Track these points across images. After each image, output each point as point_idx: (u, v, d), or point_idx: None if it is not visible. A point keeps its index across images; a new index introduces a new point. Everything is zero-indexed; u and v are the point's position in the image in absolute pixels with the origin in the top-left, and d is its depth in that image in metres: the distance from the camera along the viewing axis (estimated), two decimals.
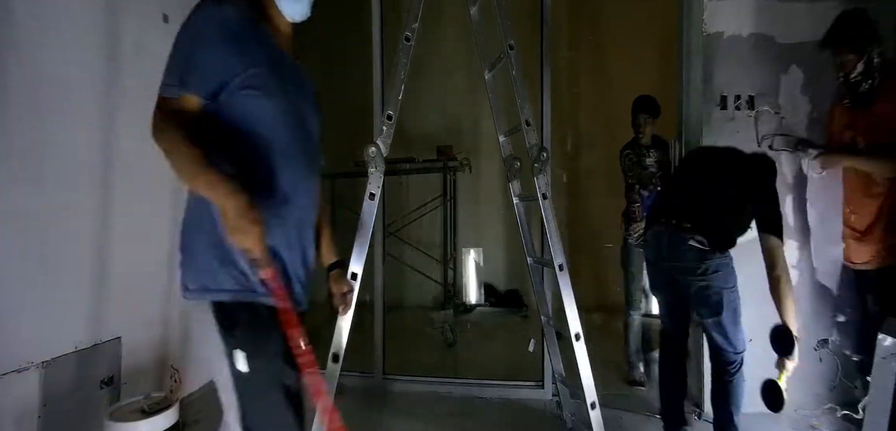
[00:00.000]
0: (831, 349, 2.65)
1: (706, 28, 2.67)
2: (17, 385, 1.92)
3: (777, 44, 2.66)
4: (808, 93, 2.65)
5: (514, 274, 5.42)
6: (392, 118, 2.14)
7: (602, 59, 5.15)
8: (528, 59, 2.63)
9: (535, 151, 2.29)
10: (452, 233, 5.28)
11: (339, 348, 2.05)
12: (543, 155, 2.26)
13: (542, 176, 2.26)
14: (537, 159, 2.26)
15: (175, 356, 2.78)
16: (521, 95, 2.30)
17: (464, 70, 5.16)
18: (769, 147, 2.65)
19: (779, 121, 2.66)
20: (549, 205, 2.29)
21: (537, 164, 2.25)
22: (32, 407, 1.97)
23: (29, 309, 1.97)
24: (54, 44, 2.10)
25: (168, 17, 2.73)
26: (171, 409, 2.10)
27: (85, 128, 2.23)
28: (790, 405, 2.66)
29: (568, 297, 2.24)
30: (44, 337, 2.03)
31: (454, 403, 2.87)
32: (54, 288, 2.09)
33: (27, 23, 1.98)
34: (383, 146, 2.12)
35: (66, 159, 2.14)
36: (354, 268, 2.09)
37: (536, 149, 2.29)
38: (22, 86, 1.97)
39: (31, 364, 1.97)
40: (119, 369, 2.39)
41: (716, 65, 2.67)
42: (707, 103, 2.67)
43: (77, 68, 2.19)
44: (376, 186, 2.15)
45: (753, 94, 2.67)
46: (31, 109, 2.00)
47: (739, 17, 2.66)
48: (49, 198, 2.07)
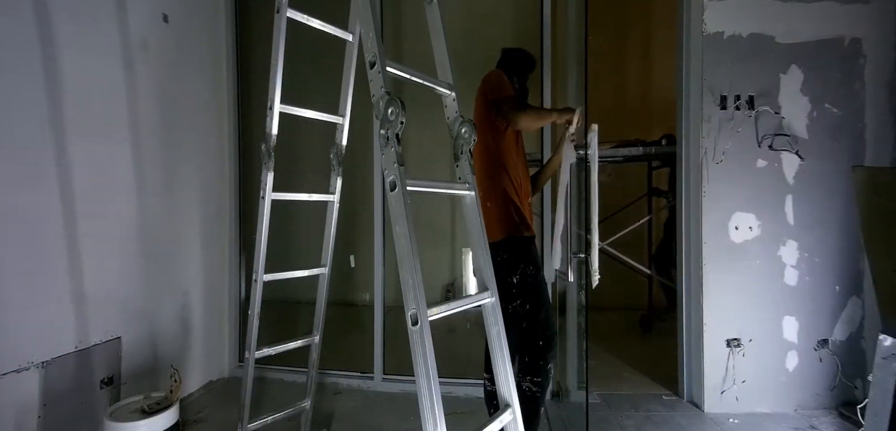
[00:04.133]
0: (831, 349, 2.66)
1: (706, 28, 2.68)
2: (17, 385, 1.92)
3: (777, 44, 2.66)
4: (808, 94, 2.66)
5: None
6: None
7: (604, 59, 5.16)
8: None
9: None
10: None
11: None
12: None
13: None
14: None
15: (175, 356, 2.78)
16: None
17: None
18: (769, 147, 2.65)
19: (779, 121, 2.66)
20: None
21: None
22: (32, 407, 1.97)
23: (29, 309, 1.97)
24: (63, 44, 2.11)
25: (168, 16, 2.74)
26: (171, 409, 2.10)
27: (86, 127, 2.23)
28: (790, 404, 2.67)
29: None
30: (44, 337, 2.03)
31: (454, 403, 2.87)
32: (54, 287, 2.09)
33: (42, 22, 1.99)
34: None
35: (67, 160, 2.14)
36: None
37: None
38: (22, 87, 1.97)
39: (31, 364, 1.97)
40: (119, 369, 2.39)
41: (716, 65, 2.67)
42: (707, 103, 2.68)
43: (79, 69, 2.19)
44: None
45: (753, 94, 2.67)
46: (32, 109, 2.00)
47: (739, 17, 2.67)
48: (50, 199, 2.08)
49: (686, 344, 2.81)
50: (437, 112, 1.47)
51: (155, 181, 2.65)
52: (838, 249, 2.67)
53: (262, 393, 2.95)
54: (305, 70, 3.13)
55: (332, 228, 2.23)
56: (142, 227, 2.55)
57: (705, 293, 2.68)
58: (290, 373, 3.15)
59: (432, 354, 1.08)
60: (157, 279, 2.66)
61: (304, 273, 2.21)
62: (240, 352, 3.30)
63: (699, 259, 2.70)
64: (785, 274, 2.67)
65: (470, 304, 1.32)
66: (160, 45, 2.70)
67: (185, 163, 2.88)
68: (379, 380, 3.06)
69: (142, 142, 2.56)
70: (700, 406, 2.71)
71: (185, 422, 2.50)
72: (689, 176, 2.79)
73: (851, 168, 2.57)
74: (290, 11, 1.90)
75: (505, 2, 3.91)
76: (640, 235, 4.37)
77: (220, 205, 3.23)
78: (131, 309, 2.49)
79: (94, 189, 2.27)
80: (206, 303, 3.10)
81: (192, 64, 2.97)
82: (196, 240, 2.99)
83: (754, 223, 2.67)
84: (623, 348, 3.87)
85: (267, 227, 1.99)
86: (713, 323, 2.68)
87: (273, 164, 1.96)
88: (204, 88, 3.08)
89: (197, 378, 3.02)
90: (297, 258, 3.61)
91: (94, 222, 2.27)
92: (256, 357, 2.01)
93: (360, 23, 1.50)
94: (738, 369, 2.66)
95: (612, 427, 2.49)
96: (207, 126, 3.11)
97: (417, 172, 1.21)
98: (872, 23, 2.64)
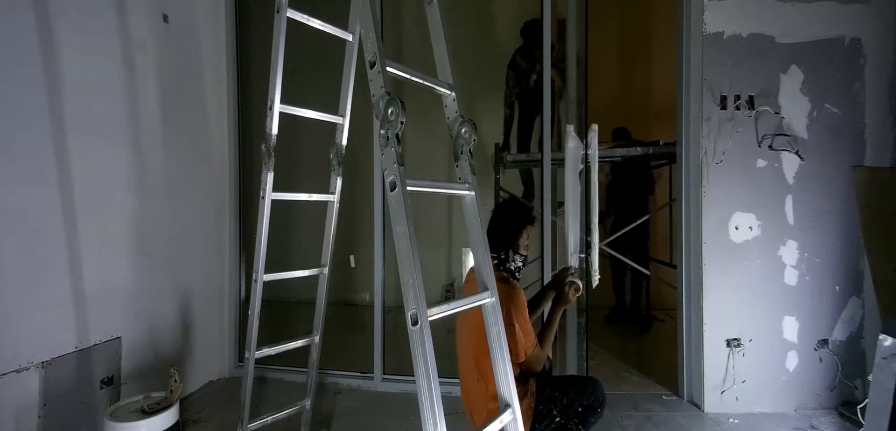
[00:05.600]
0: (831, 349, 2.66)
1: (706, 28, 2.68)
2: (17, 385, 1.92)
3: (777, 44, 2.66)
4: (808, 94, 2.65)
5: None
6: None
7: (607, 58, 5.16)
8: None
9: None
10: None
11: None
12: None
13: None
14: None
15: (175, 356, 2.78)
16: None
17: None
18: (769, 147, 2.65)
19: (779, 121, 2.66)
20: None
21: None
22: (32, 407, 1.97)
23: (29, 309, 1.97)
24: (63, 44, 2.11)
25: (168, 16, 2.74)
26: (171, 409, 2.10)
27: (86, 127, 2.23)
28: (791, 404, 2.67)
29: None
30: (44, 337, 2.03)
31: (454, 403, 2.86)
32: (54, 287, 2.09)
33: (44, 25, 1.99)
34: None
35: (67, 159, 2.14)
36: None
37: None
38: (23, 87, 1.97)
39: (31, 364, 1.97)
40: (119, 369, 2.39)
41: (716, 65, 2.67)
42: (707, 103, 2.68)
43: (79, 69, 2.20)
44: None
45: (753, 94, 2.67)
46: (32, 109, 2.00)
47: (739, 17, 2.67)
48: (50, 199, 2.08)
49: (686, 344, 2.81)
50: (436, 114, 1.47)
51: (155, 181, 2.65)
52: (838, 249, 2.67)
53: (262, 393, 2.95)
54: (305, 70, 3.13)
55: (332, 228, 2.23)
56: (142, 227, 2.55)
57: (705, 293, 2.68)
58: (290, 373, 3.15)
59: (432, 354, 1.07)
60: (157, 279, 2.66)
61: (304, 273, 2.21)
62: (240, 352, 3.30)
63: (699, 259, 2.70)
64: (785, 274, 2.67)
65: (470, 304, 1.31)
66: (160, 45, 2.70)
67: (186, 163, 2.88)
68: (379, 380, 3.06)
69: (142, 141, 2.56)
70: (700, 406, 2.70)
71: (185, 422, 2.50)
72: (689, 176, 2.78)
73: (851, 168, 2.57)
74: (290, 11, 1.90)
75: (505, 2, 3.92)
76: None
77: (220, 204, 3.23)
78: (131, 309, 2.48)
79: (95, 189, 2.27)
80: (206, 303, 3.09)
81: (192, 64, 2.97)
82: (196, 240, 2.99)
83: (754, 223, 2.67)
84: (623, 348, 3.88)
85: (267, 227, 1.99)
86: (713, 323, 2.68)
87: (273, 164, 1.96)
88: (204, 88, 3.08)
89: (197, 378, 3.02)
90: (297, 258, 3.61)
91: (95, 222, 2.27)
92: (256, 357, 2.01)
93: (360, 23, 1.50)
94: (738, 369, 2.66)
95: (612, 427, 2.49)
96: (207, 126, 3.11)
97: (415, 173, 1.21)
98: (872, 23, 2.64)
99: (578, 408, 1.83)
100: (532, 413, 1.80)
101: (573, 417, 1.83)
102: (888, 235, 2.12)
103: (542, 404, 1.82)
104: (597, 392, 1.85)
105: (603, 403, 1.87)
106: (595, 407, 1.84)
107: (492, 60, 4.18)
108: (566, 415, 1.82)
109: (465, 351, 1.84)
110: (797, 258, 2.67)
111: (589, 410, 1.84)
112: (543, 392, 1.84)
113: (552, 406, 1.82)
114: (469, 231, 1.40)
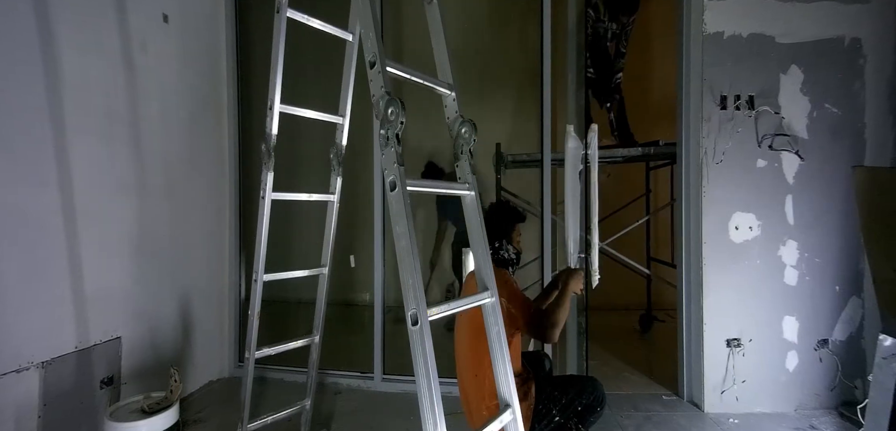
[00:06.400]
0: (831, 349, 2.66)
1: (706, 28, 2.68)
2: (18, 385, 1.92)
3: (777, 44, 2.66)
4: (808, 93, 2.65)
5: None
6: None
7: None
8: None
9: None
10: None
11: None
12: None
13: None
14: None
15: (175, 356, 2.79)
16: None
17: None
18: (769, 147, 2.65)
19: (779, 121, 2.66)
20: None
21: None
22: (32, 407, 1.97)
23: (29, 309, 1.97)
24: (63, 44, 2.11)
25: (168, 16, 2.74)
26: (171, 409, 2.10)
27: (86, 127, 2.23)
28: (791, 404, 2.67)
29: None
30: (44, 337, 2.03)
31: (454, 403, 2.86)
32: (54, 287, 2.09)
33: (42, 25, 1.99)
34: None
35: (67, 159, 2.14)
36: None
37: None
38: (23, 87, 1.97)
39: (31, 364, 1.97)
40: (119, 369, 2.39)
41: (716, 65, 2.67)
42: (707, 103, 2.68)
43: (79, 69, 2.19)
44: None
45: (753, 94, 2.67)
46: (32, 109, 2.00)
47: (739, 17, 2.67)
48: (50, 199, 2.08)
49: (686, 344, 2.81)
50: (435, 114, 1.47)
51: (155, 181, 2.65)
52: (838, 249, 2.67)
53: (262, 393, 2.95)
54: (305, 70, 3.13)
55: (332, 228, 2.23)
56: (142, 227, 2.55)
57: (705, 293, 2.68)
58: (290, 373, 3.15)
59: (432, 354, 1.08)
60: (157, 279, 2.66)
61: (304, 273, 2.21)
62: (240, 352, 3.30)
63: (699, 259, 2.70)
64: (785, 273, 2.67)
65: (470, 304, 1.31)
66: (160, 44, 2.70)
67: (186, 163, 2.88)
68: (379, 380, 3.06)
69: (142, 142, 2.56)
70: (700, 406, 2.70)
71: (185, 422, 2.50)
72: (689, 176, 2.78)
73: (851, 168, 2.57)
74: (290, 11, 1.90)
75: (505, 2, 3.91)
76: (639, 235, 4.37)
77: (220, 204, 3.23)
78: (131, 309, 2.49)
79: (95, 189, 2.27)
80: (206, 303, 3.10)
81: (192, 64, 2.97)
82: (196, 240, 2.99)
83: (754, 223, 2.67)
84: (623, 348, 3.88)
85: (267, 227, 1.99)
86: (713, 323, 2.68)
87: (273, 164, 1.96)
88: (204, 88, 3.08)
89: (197, 378, 3.02)
90: (297, 258, 3.61)
91: (95, 222, 2.27)
92: (256, 357, 2.01)
93: (360, 23, 1.49)
94: (738, 369, 2.66)
95: (612, 426, 2.49)
96: (207, 126, 3.11)
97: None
98: (872, 23, 2.64)
99: (578, 407, 1.84)
100: (532, 413, 1.81)
101: (573, 416, 1.84)
102: (888, 235, 2.12)
103: (542, 403, 1.83)
104: (596, 392, 1.86)
105: (602, 402, 1.88)
106: (595, 407, 1.85)
107: (492, 60, 4.18)
108: (566, 415, 1.83)
109: (462, 350, 1.85)
110: (797, 258, 2.67)
111: (588, 409, 1.85)
112: (543, 391, 1.84)
113: (552, 406, 1.83)
114: (469, 231, 1.40)
